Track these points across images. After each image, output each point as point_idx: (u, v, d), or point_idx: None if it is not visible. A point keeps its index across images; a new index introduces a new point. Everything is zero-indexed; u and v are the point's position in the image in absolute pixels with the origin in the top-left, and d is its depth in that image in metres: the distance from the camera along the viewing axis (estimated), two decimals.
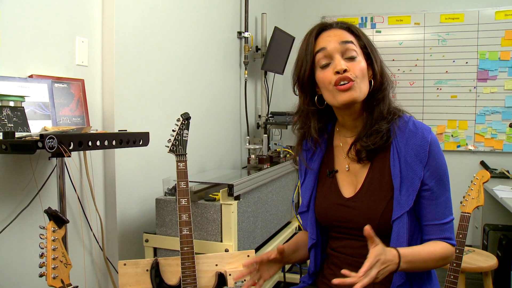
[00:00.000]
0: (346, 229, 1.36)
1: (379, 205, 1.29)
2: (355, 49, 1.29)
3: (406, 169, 1.27)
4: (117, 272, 2.08)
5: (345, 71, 1.25)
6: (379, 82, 1.33)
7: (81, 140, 1.46)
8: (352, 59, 1.28)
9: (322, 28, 1.34)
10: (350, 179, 1.38)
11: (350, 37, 1.31)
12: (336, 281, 1.07)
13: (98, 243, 2.12)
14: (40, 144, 1.33)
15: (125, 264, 1.78)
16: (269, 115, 3.89)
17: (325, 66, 1.30)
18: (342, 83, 1.26)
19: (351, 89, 1.26)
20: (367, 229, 1.11)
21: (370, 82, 1.32)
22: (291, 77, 1.43)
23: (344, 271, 1.07)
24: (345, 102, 1.27)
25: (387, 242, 1.27)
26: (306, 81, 1.36)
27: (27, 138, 1.38)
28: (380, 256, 1.10)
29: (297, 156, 1.53)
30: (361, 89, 1.28)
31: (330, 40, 1.29)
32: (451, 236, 1.31)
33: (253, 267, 1.37)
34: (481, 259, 2.61)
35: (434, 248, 1.27)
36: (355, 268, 1.35)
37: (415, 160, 1.26)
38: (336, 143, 1.45)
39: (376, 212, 1.28)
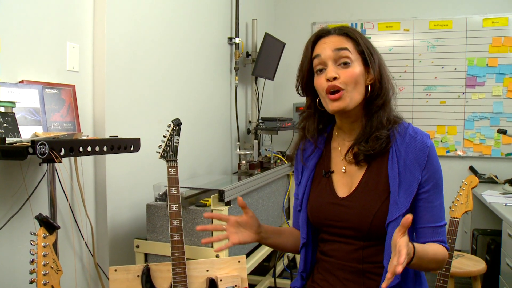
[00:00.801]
0: (337, 229, 1.36)
1: (373, 205, 1.30)
2: (349, 55, 1.31)
3: (405, 172, 1.29)
4: (108, 278, 2.07)
5: (334, 78, 1.29)
6: (378, 88, 1.35)
7: (72, 146, 1.46)
8: (345, 65, 1.31)
9: (320, 34, 1.38)
10: (345, 180, 1.40)
11: (346, 43, 1.33)
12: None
13: (88, 249, 2.11)
14: (31, 150, 1.33)
15: (116, 270, 1.78)
16: (260, 121, 3.90)
17: (320, 72, 1.34)
18: (332, 91, 1.30)
19: (340, 99, 1.30)
20: (408, 217, 1.04)
21: (368, 87, 1.35)
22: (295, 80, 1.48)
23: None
24: (333, 111, 1.33)
25: (380, 244, 1.29)
26: (305, 85, 1.42)
27: (18, 144, 1.38)
28: (409, 246, 1.07)
29: (294, 155, 1.56)
30: (352, 98, 1.30)
31: (325, 47, 1.33)
32: (445, 240, 1.34)
33: (219, 225, 1.39)
34: (470, 264, 2.64)
35: (437, 249, 1.29)
36: (346, 272, 1.36)
37: (414, 163, 1.29)
38: (334, 145, 1.47)
39: (370, 212, 1.30)
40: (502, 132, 3.56)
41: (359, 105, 1.35)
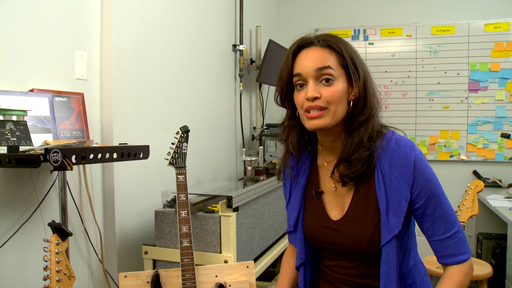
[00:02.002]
0: (336, 251, 1.35)
1: (367, 230, 1.27)
2: (331, 73, 1.22)
3: (391, 191, 1.24)
4: (116, 285, 2.09)
5: (315, 98, 1.22)
6: (361, 104, 1.27)
7: (84, 154, 1.48)
8: (327, 82, 1.23)
9: (302, 44, 1.29)
10: (336, 200, 1.36)
11: (329, 59, 1.24)
12: None
13: (97, 255, 2.12)
14: (41, 158, 1.35)
15: (125, 276, 1.79)
16: (264, 127, 3.92)
17: (300, 88, 1.27)
18: (311, 111, 1.24)
19: (320, 117, 1.23)
20: None
21: (350, 102, 1.27)
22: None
23: None
24: (311, 129, 1.27)
25: (377, 265, 1.27)
26: (283, 98, 1.36)
27: (30, 152, 1.40)
28: None
29: (281, 174, 1.51)
30: (334, 115, 1.24)
31: (306, 65, 1.24)
32: (458, 251, 1.26)
33: None
34: (476, 268, 2.64)
35: (456, 281, 1.24)
36: (349, 286, 1.34)
37: (400, 180, 1.23)
38: (320, 162, 1.41)
39: (364, 237, 1.27)
40: (506, 136, 3.57)
41: (340, 121, 1.28)
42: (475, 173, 4.39)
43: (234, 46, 3.68)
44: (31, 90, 1.76)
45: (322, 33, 1.30)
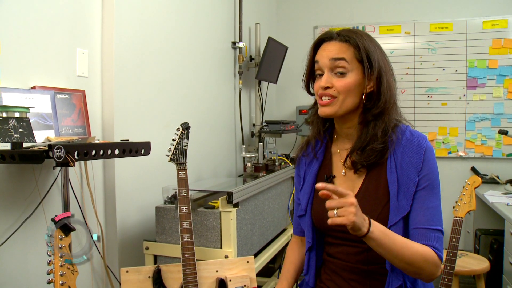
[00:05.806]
0: (341, 233, 1.38)
1: (375, 210, 1.32)
2: (345, 65, 1.33)
3: (402, 175, 1.31)
4: (118, 280, 2.11)
5: (327, 88, 1.34)
6: (375, 97, 1.36)
7: (86, 150, 1.50)
8: (341, 75, 1.33)
9: (323, 38, 1.40)
10: (347, 184, 1.42)
11: (345, 52, 1.33)
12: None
13: (98, 251, 2.14)
14: (45, 154, 1.37)
15: (127, 271, 1.81)
16: (264, 124, 3.93)
17: (319, 77, 1.38)
18: (323, 98, 1.36)
19: (329, 105, 1.35)
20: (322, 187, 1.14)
21: (366, 95, 1.36)
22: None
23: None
24: (321, 115, 1.39)
25: None
26: (307, 83, 1.48)
27: (34, 148, 1.41)
28: (354, 204, 1.14)
29: (298, 158, 1.59)
30: (342, 105, 1.34)
31: (323, 55, 1.36)
32: (437, 246, 1.28)
33: None
34: (473, 262, 2.67)
35: (412, 243, 1.26)
36: (352, 273, 1.38)
37: (410, 166, 1.31)
38: (334, 149, 1.50)
39: (372, 216, 1.28)
40: (503, 132, 3.59)
41: (355, 111, 1.38)
42: (473, 169, 4.42)
43: (234, 43, 3.69)
44: (33, 87, 1.77)
45: (345, 28, 1.41)
